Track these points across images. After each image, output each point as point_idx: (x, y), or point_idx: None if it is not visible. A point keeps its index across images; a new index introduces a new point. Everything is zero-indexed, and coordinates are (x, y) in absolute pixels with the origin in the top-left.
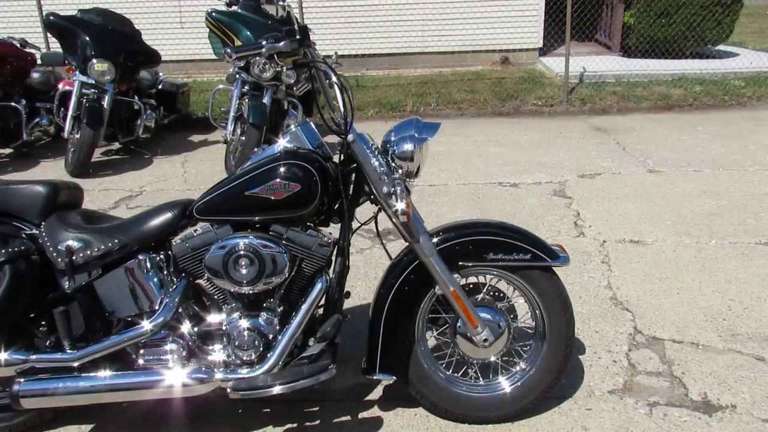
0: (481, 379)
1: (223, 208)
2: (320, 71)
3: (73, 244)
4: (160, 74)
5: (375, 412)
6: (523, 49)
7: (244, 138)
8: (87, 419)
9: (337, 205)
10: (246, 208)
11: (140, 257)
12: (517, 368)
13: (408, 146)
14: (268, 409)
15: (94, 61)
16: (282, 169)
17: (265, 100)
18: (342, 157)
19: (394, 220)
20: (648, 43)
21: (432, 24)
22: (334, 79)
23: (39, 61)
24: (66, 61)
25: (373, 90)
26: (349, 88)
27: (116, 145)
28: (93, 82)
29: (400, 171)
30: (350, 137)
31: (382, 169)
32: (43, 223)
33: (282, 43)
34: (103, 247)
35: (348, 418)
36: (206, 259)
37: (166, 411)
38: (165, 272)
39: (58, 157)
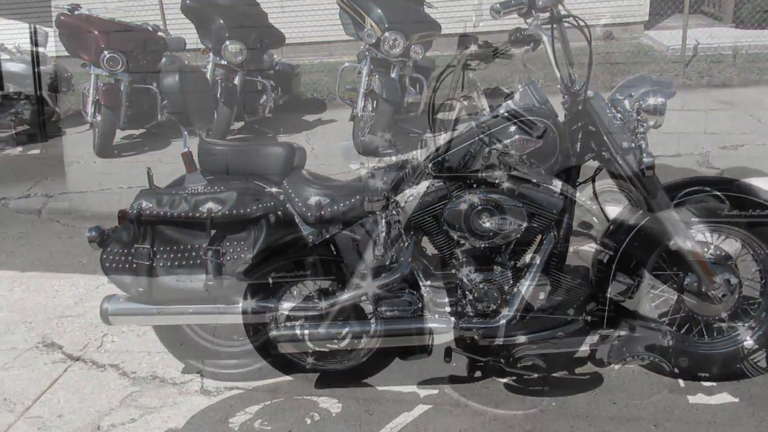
0: (705, 336)
1: (461, 164)
2: (564, 27)
3: (322, 199)
4: (275, 56)
5: (590, 368)
6: (626, 23)
7: (375, 114)
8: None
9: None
10: (485, 165)
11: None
12: (746, 326)
13: (659, 99)
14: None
15: (228, 42)
16: (524, 125)
17: (393, 75)
18: (568, 115)
19: (630, 174)
20: (765, 13)
21: None
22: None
23: None
24: (185, 45)
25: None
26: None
27: (237, 125)
28: (226, 63)
29: (644, 125)
30: (590, 93)
31: (618, 123)
32: (284, 181)
33: None
34: (347, 202)
35: (564, 372)
36: (446, 213)
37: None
38: (396, 228)
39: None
